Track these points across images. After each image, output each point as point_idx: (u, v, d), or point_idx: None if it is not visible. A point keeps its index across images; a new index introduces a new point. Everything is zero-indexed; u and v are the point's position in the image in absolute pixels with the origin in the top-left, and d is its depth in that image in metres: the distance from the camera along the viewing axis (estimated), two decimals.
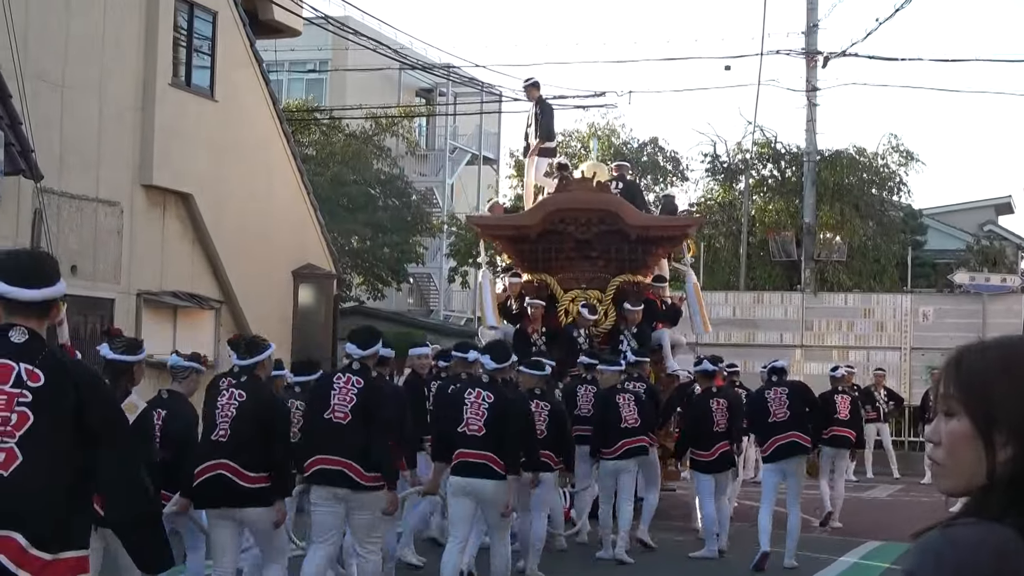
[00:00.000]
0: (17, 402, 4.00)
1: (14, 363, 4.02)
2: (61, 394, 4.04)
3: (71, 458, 4.04)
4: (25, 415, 4.00)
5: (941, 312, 24.07)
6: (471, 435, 8.74)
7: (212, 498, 7.28)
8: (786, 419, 12.01)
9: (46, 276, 4.20)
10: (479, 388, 8.93)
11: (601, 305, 15.46)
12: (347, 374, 8.00)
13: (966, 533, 2.00)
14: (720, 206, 30.63)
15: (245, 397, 7.47)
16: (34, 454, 3.97)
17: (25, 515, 3.95)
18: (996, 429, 2.05)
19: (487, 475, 8.72)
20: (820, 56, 26.09)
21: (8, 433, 3.96)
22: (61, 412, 4.03)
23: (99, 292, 15.46)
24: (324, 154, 31.51)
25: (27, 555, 3.93)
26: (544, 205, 15.73)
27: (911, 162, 30.60)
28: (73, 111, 15.16)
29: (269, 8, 19.82)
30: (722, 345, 23.38)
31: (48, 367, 4.08)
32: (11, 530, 3.93)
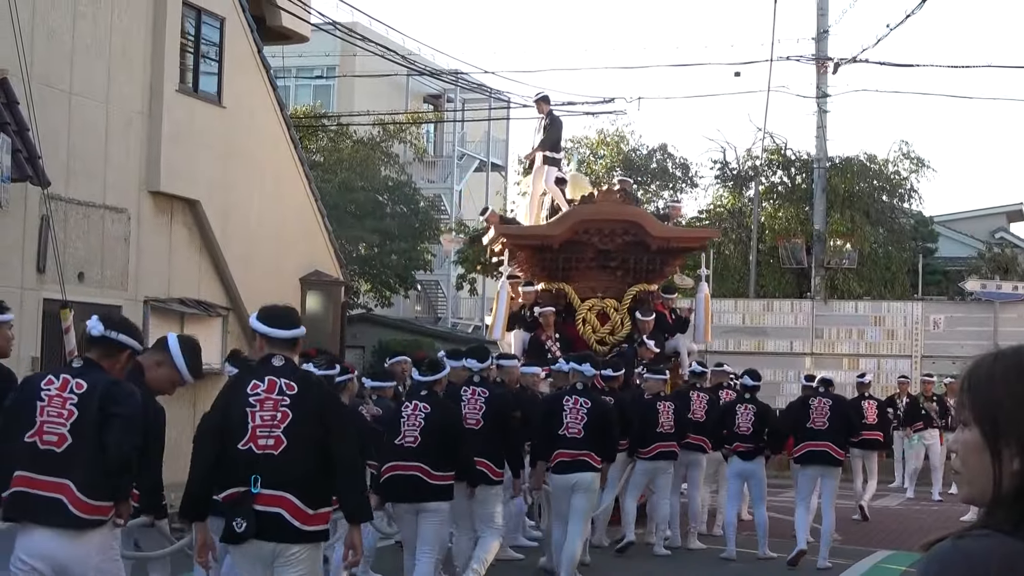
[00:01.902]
0: (280, 404, 5.90)
1: (276, 379, 5.95)
2: (308, 399, 5.95)
3: (317, 442, 5.91)
4: (286, 413, 5.90)
5: (952, 320, 23.99)
6: (571, 437, 10.22)
7: (402, 494, 8.55)
8: (824, 429, 12.60)
9: (294, 322, 6.26)
10: (576, 396, 10.39)
11: (617, 313, 15.81)
12: (472, 387, 9.90)
13: (976, 545, 1.99)
14: (730, 213, 30.56)
15: (430, 409, 8.81)
16: (294, 439, 5.87)
17: (293, 481, 5.85)
18: (1003, 440, 2.04)
19: (586, 469, 10.25)
20: (830, 62, 26.02)
21: (276, 425, 5.87)
22: (308, 411, 5.91)
23: (106, 299, 15.39)
24: (332, 160, 31.48)
25: (297, 509, 5.84)
26: (570, 216, 16.00)
27: (922, 169, 30.52)
28: (80, 117, 15.11)
29: (277, 14, 19.77)
30: (731, 353, 23.32)
31: (299, 380, 6.01)
32: (285, 492, 5.83)
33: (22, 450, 5.77)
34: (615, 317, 15.89)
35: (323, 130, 33.31)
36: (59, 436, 5.75)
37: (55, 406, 5.77)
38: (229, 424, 5.97)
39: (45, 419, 5.78)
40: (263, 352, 6.10)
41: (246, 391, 5.97)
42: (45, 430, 5.77)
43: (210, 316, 17.26)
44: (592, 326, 15.83)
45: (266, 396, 5.92)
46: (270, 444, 5.88)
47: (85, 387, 5.80)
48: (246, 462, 5.88)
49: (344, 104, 36.99)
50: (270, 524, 5.83)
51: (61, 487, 5.70)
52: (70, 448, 5.74)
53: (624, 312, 15.91)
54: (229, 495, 5.94)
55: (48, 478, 5.71)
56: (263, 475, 5.84)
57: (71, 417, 5.75)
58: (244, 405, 5.92)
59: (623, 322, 15.85)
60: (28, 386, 6.01)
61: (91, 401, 5.77)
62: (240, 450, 5.89)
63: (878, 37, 27.99)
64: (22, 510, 5.77)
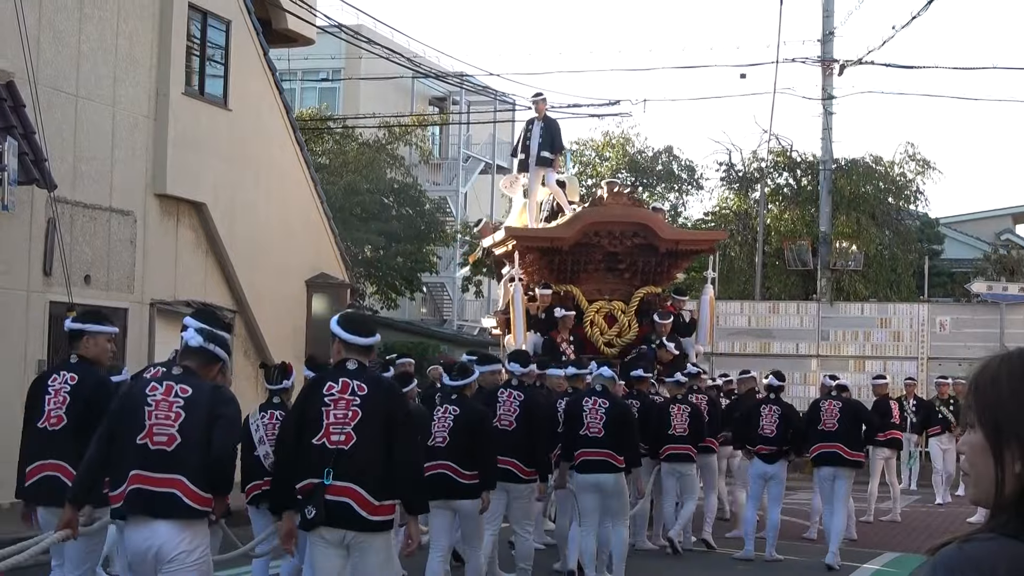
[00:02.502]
0: (352, 404, 6.53)
1: (350, 381, 6.60)
2: (376, 400, 6.57)
3: (383, 439, 6.51)
4: (356, 412, 6.53)
5: (958, 322, 23.94)
6: (592, 436, 10.65)
7: (434, 492, 8.51)
8: (834, 431, 12.87)
9: (371, 331, 6.86)
10: (595, 397, 10.86)
11: (624, 316, 15.83)
12: (509, 390, 10.45)
13: (982, 549, 1.99)
14: (735, 215, 30.54)
15: (459, 411, 9.28)
16: (363, 436, 6.48)
17: (361, 474, 6.46)
18: (1005, 443, 2.04)
19: (609, 470, 10.67)
20: (836, 64, 25.99)
21: (347, 423, 6.50)
22: (376, 411, 6.53)
23: (112, 302, 15.40)
24: (337, 163, 31.49)
25: (364, 499, 6.44)
26: (580, 218, 16.04)
27: (928, 170, 30.46)
28: (86, 120, 15.12)
29: (283, 17, 19.78)
30: (737, 355, 23.31)
31: (370, 383, 6.63)
32: (354, 484, 6.43)
33: (134, 451, 6.24)
34: (622, 319, 15.94)
35: (329, 132, 33.33)
36: (168, 436, 6.24)
37: (163, 410, 6.27)
38: (306, 421, 6.62)
39: (154, 422, 6.26)
40: (339, 356, 6.74)
41: (322, 392, 6.62)
42: (155, 432, 6.24)
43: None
44: (600, 328, 15.87)
45: (340, 396, 6.57)
46: (341, 440, 6.51)
47: (190, 392, 6.30)
48: (320, 456, 6.51)
49: (349, 106, 37.01)
50: (339, 513, 6.45)
51: (175, 482, 6.19)
52: (179, 447, 6.22)
53: (631, 314, 15.95)
54: (304, 485, 6.53)
55: (161, 475, 6.19)
56: (335, 468, 6.47)
57: (179, 419, 6.25)
58: (320, 404, 6.59)
59: (630, 324, 15.91)
60: (131, 393, 6.50)
61: (198, 404, 6.28)
62: (315, 445, 6.54)
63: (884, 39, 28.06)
64: (140, 505, 6.21)
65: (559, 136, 17.66)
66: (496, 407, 10.26)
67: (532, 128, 17.51)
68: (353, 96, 37.70)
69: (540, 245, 16.10)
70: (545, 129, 17.41)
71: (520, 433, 10.25)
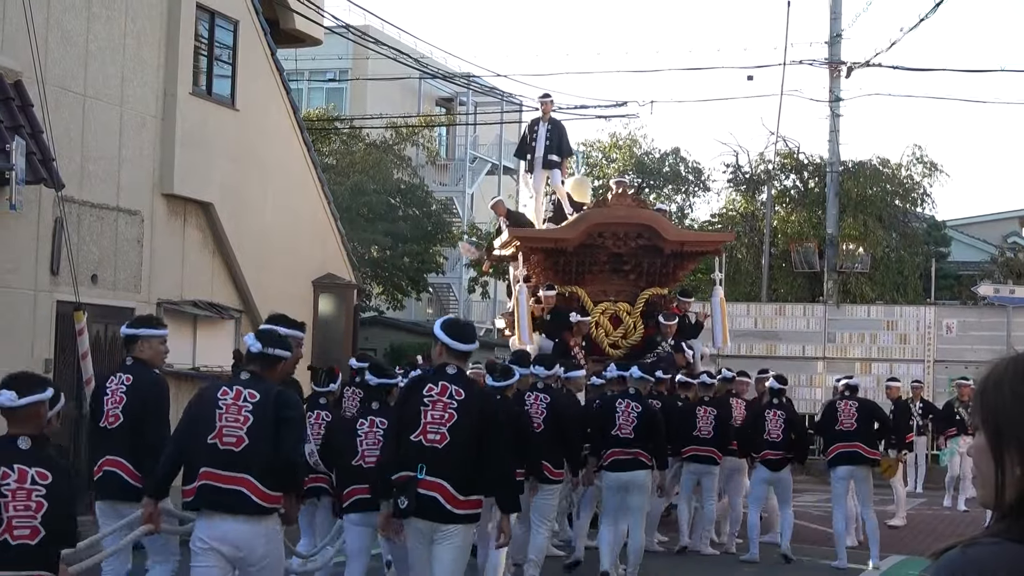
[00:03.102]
0: (448, 407, 7.08)
1: (449, 384, 7.13)
2: (472, 404, 7.13)
3: (475, 441, 7.06)
4: (452, 415, 7.08)
5: (965, 324, 23.89)
6: (624, 437, 11.13)
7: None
8: (853, 430, 12.95)
9: (473, 338, 7.39)
10: (628, 399, 11.35)
11: (630, 317, 15.79)
12: (535, 392, 10.87)
13: (986, 553, 1.99)
14: (742, 217, 30.52)
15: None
16: (456, 437, 7.03)
17: (450, 472, 7.02)
18: (1005, 446, 2.04)
19: (638, 467, 11.16)
20: (843, 66, 25.97)
21: (443, 423, 7.04)
22: (471, 414, 7.08)
23: (119, 301, 15.42)
24: (344, 163, 31.52)
25: (451, 495, 7.00)
26: (585, 219, 15.97)
27: (935, 173, 30.43)
28: (94, 120, 15.13)
29: (290, 17, 19.79)
30: (743, 357, 23.27)
31: (465, 387, 7.18)
32: (443, 480, 6.98)
33: (205, 450, 6.67)
34: (628, 321, 15.88)
35: (336, 133, 33.36)
36: (237, 438, 6.68)
37: (232, 412, 6.71)
38: (405, 419, 7.18)
39: (224, 424, 6.69)
40: (440, 360, 7.28)
41: (422, 392, 7.18)
42: (224, 433, 6.68)
43: (223, 318, 17.28)
44: (605, 329, 15.83)
45: (438, 398, 7.13)
46: (436, 439, 7.07)
47: (258, 396, 6.73)
48: (415, 452, 7.06)
49: (357, 107, 37.05)
50: (427, 505, 7.00)
51: (242, 481, 6.62)
52: (247, 448, 6.65)
53: (637, 316, 15.89)
54: (399, 477, 7.10)
55: (230, 473, 6.63)
56: (427, 464, 7.02)
57: (247, 422, 6.68)
58: (419, 404, 7.14)
59: (635, 326, 15.85)
60: (204, 396, 6.94)
61: (265, 408, 6.70)
62: (412, 441, 7.10)
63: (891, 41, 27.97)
64: (209, 500, 6.67)
65: (567, 139, 17.61)
66: (523, 409, 10.74)
67: (538, 129, 17.48)
68: (360, 96, 37.73)
69: (544, 246, 16.05)
70: (552, 131, 17.37)
71: (548, 434, 10.70)
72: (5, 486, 5.49)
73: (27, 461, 5.59)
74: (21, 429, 5.65)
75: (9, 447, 5.62)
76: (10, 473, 5.52)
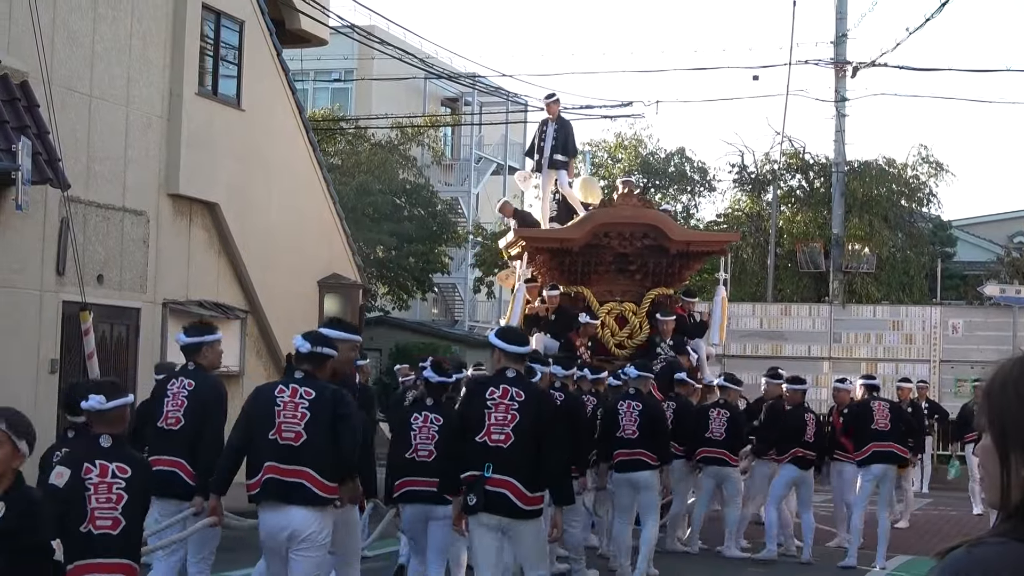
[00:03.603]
0: (511, 408, 7.49)
1: (509, 387, 7.56)
2: (532, 405, 7.53)
3: (536, 439, 7.46)
4: (515, 416, 7.50)
5: (971, 325, 23.84)
6: (627, 438, 11.37)
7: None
8: (888, 430, 13.04)
9: (525, 340, 8.07)
10: (629, 400, 11.60)
11: (636, 317, 15.76)
12: (553, 392, 10.70)
13: (991, 552, 1.99)
14: (748, 217, 30.49)
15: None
16: (519, 436, 7.44)
17: (516, 469, 7.43)
18: (1011, 447, 2.04)
19: (643, 467, 11.34)
20: (849, 66, 25.94)
21: (506, 424, 7.46)
22: (531, 414, 7.47)
23: (125, 301, 15.45)
24: (350, 164, 31.52)
25: (519, 491, 7.42)
26: (590, 219, 15.92)
27: (941, 173, 30.38)
28: (100, 120, 15.16)
29: (296, 17, 19.80)
30: (749, 357, 23.27)
31: (525, 389, 7.63)
32: (510, 477, 7.42)
33: (267, 446, 7.16)
34: (634, 321, 15.83)
35: (341, 133, 33.36)
36: (295, 433, 7.15)
37: (289, 410, 7.18)
38: (470, 421, 7.60)
39: (283, 420, 7.17)
40: (500, 364, 7.74)
41: (485, 395, 7.60)
42: (283, 429, 7.16)
43: (228, 318, 17.30)
44: (611, 329, 15.79)
45: (500, 401, 7.54)
46: (501, 439, 7.51)
47: (313, 394, 7.19)
48: (482, 451, 7.48)
49: (362, 107, 37.05)
50: (497, 501, 7.42)
51: (302, 473, 7.11)
52: (305, 443, 7.13)
53: (643, 316, 15.85)
54: (468, 476, 7.52)
55: (290, 466, 7.12)
56: (494, 463, 7.44)
57: (304, 418, 7.16)
58: (483, 407, 7.55)
59: (641, 326, 15.80)
60: (262, 394, 7.40)
61: (321, 404, 7.18)
62: (477, 442, 7.51)
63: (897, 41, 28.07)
64: (273, 492, 7.15)
65: (572, 138, 17.58)
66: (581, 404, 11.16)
67: (546, 129, 17.47)
68: (365, 97, 37.73)
69: (550, 246, 16.03)
70: (559, 130, 17.34)
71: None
72: (88, 480, 5.96)
73: (108, 457, 6.08)
74: (106, 429, 6.16)
75: (92, 445, 6.14)
76: (92, 468, 6.00)
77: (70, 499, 5.92)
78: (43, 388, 13.92)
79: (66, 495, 5.91)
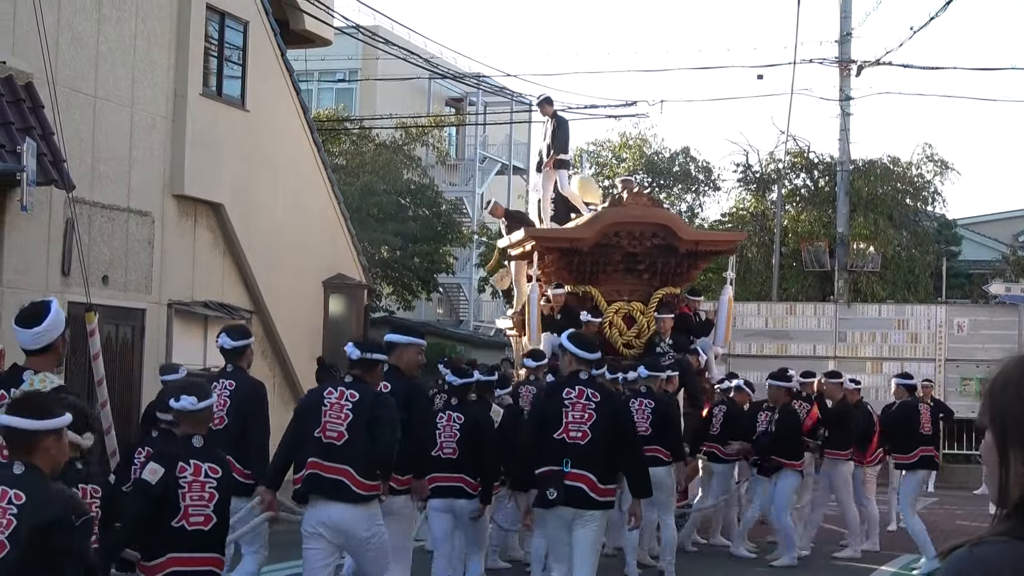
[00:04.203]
0: (587, 408, 8.11)
1: (585, 388, 8.17)
2: (606, 405, 8.19)
3: (610, 436, 8.11)
4: (591, 415, 8.06)
5: (976, 323, 23.82)
6: (640, 435, 11.26)
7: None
8: (930, 435, 13.05)
9: (594, 345, 8.58)
10: (641, 398, 11.80)
11: (643, 316, 15.74)
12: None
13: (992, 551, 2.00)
14: (752, 216, 30.49)
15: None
16: (596, 434, 8.06)
17: (593, 465, 8.03)
18: (1010, 445, 2.05)
19: (656, 464, 11.21)
20: (854, 65, 25.91)
21: (583, 422, 8.09)
22: (606, 413, 8.17)
23: (130, 302, 15.45)
24: (354, 164, 31.53)
25: (594, 484, 8.01)
26: (600, 219, 15.86)
27: (946, 171, 30.36)
28: (104, 121, 15.17)
29: (300, 17, 19.80)
30: (754, 356, 23.27)
31: (599, 390, 8.31)
32: (587, 471, 7.95)
33: (312, 443, 7.66)
34: (641, 320, 15.78)
35: (346, 133, 33.37)
36: (338, 432, 7.64)
37: (335, 411, 7.68)
38: (547, 419, 8.16)
39: (328, 420, 7.67)
40: (572, 367, 8.35)
41: (562, 395, 8.20)
42: (328, 428, 7.66)
43: (233, 319, 17.29)
44: (619, 329, 15.74)
45: (576, 400, 8.14)
46: (578, 436, 8.08)
47: (357, 397, 7.67)
48: (559, 448, 8.04)
49: (366, 107, 37.07)
50: (574, 495, 7.93)
51: (343, 471, 7.57)
52: (347, 442, 7.59)
53: (650, 315, 15.78)
54: (545, 471, 8.03)
55: (332, 464, 7.59)
56: (572, 459, 8.00)
57: (347, 419, 7.64)
58: (560, 406, 8.14)
59: (649, 325, 15.71)
60: (313, 395, 7.98)
61: (363, 407, 7.63)
62: (555, 439, 8.08)
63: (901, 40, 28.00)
64: (316, 487, 7.63)
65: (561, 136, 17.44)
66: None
67: (545, 130, 17.51)
68: (370, 97, 37.75)
69: (560, 246, 15.96)
70: (556, 130, 17.34)
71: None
72: (183, 479, 6.33)
73: (201, 457, 6.46)
74: (196, 429, 6.53)
75: (186, 445, 6.50)
76: (187, 467, 6.37)
77: (163, 495, 6.31)
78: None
79: (159, 492, 6.30)
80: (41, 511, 4.79)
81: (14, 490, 4.81)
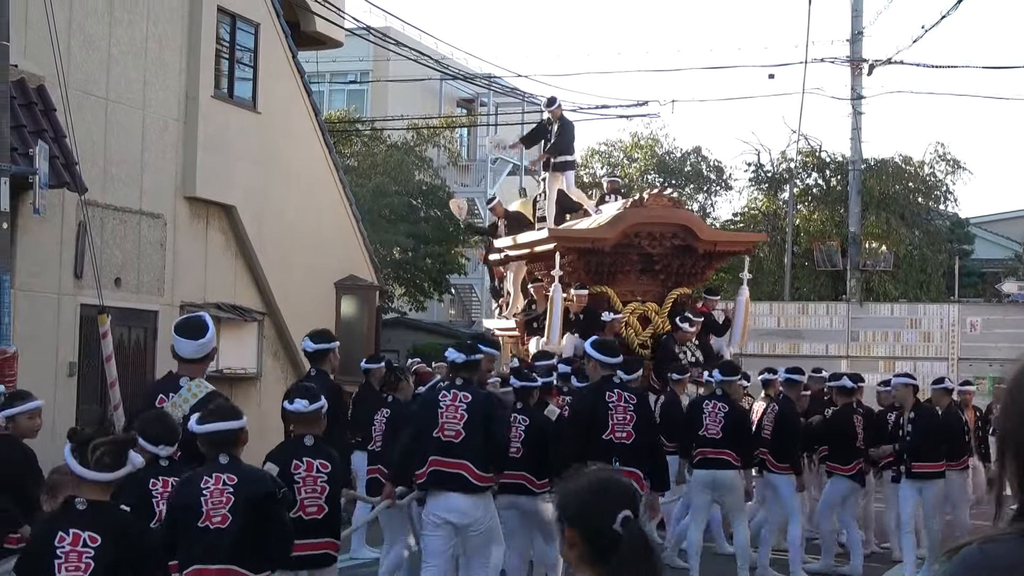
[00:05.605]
0: (628, 410, 9.04)
1: (622, 391, 9.11)
2: (642, 406, 9.16)
3: (651, 434, 9.19)
4: (632, 416, 9.03)
5: (989, 322, 23.74)
6: (710, 437, 11.39)
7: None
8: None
9: (619, 352, 9.58)
10: (716, 400, 11.70)
11: (659, 317, 15.72)
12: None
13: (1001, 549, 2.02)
14: (764, 216, 30.48)
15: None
16: (638, 433, 8.98)
17: (641, 461, 8.96)
18: (1006, 447, 2.08)
19: (726, 467, 11.30)
20: (865, 64, 25.86)
21: (627, 424, 9.02)
22: (644, 413, 9.23)
23: (142, 304, 15.50)
24: (366, 165, 31.54)
25: (640, 480, 8.77)
26: (623, 219, 15.83)
27: (958, 170, 30.31)
28: (116, 124, 15.21)
29: (311, 19, 19.84)
30: (766, 356, 23.19)
31: (635, 392, 9.25)
32: (635, 468, 8.77)
33: (432, 442, 8.43)
34: (656, 320, 15.79)
35: (357, 135, 33.39)
36: (456, 432, 8.42)
37: (451, 411, 8.44)
38: (595, 421, 8.92)
39: (445, 420, 8.45)
40: (604, 372, 9.18)
41: (605, 399, 8.99)
42: (446, 428, 8.44)
43: (245, 321, 17.34)
44: (635, 329, 15.75)
45: (618, 403, 9.02)
46: (624, 436, 8.96)
47: (471, 398, 8.45)
48: (607, 448, 8.78)
49: (378, 109, 37.08)
50: None
51: (462, 466, 8.37)
52: (463, 440, 8.38)
53: (664, 316, 15.78)
54: None
55: (452, 460, 8.38)
56: (620, 457, 8.76)
57: (463, 419, 8.42)
58: (605, 409, 8.96)
59: (664, 326, 15.74)
60: (427, 399, 8.82)
61: (476, 407, 8.43)
62: (603, 440, 8.89)
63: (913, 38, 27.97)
64: (438, 482, 8.42)
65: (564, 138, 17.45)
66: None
67: (551, 130, 17.53)
68: (381, 98, 37.76)
69: (581, 246, 15.93)
70: (562, 132, 17.38)
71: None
72: (297, 475, 7.00)
73: (312, 455, 7.10)
74: (307, 430, 7.14)
75: (297, 444, 7.15)
76: (300, 464, 7.04)
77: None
78: (62, 391, 13.97)
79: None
80: (254, 486, 5.82)
81: (226, 474, 5.80)
